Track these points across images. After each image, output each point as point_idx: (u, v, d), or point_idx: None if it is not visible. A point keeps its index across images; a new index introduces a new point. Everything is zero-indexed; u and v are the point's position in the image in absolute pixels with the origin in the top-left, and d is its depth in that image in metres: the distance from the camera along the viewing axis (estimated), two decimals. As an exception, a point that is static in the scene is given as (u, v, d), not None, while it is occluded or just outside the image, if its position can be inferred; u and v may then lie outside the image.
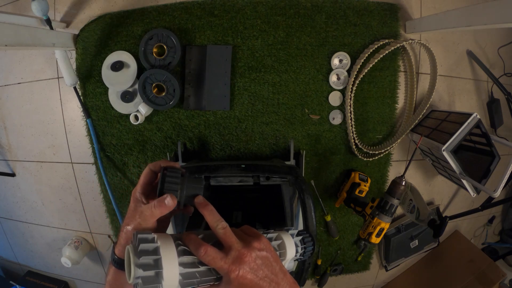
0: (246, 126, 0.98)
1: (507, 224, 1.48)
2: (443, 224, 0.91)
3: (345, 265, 1.23)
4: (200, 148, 1.00)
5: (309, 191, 0.67)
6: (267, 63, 0.95)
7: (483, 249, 1.36)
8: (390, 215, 0.79)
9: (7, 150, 1.08)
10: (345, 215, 1.13)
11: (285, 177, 0.71)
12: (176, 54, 0.89)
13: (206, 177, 0.71)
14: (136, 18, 0.92)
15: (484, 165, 0.90)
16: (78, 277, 1.27)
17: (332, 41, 0.96)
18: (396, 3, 0.98)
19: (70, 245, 1.11)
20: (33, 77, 0.99)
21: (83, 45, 0.93)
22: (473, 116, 0.85)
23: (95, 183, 1.06)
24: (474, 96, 1.16)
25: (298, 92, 0.97)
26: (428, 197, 1.23)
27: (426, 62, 1.04)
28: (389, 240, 1.17)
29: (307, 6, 0.94)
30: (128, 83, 0.91)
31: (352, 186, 1.01)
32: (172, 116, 0.97)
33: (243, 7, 0.92)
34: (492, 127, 1.20)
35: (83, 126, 1.00)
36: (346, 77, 0.97)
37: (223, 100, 0.95)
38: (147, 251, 0.31)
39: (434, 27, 0.89)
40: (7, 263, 1.34)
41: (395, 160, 1.10)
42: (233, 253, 0.32)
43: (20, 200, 1.15)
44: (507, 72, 1.17)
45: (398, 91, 1.03)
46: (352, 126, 0.98)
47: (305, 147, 1.02)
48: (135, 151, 0.99)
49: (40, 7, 0.80)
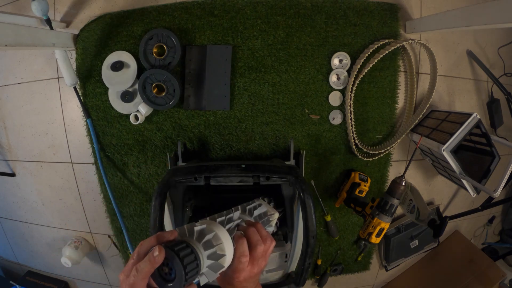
0: (246, 126, 0.98)
1: (507, 224, 1.48)
2: (443, 224, 0.91)
3: (345, 265, 1.23)
4: (200, 148, 1.00)
5: (309, 191, 0.67)
6: (267, 63, 0.95)
7: (483, 249, 1.36)
8: (390, 215, 0.79)
9: (7, 150, 1.08)
10: (345, 215, 1.13)
11: (285, 177, 0.71)
12: (176, 54, 0.89)
13: (206, 177, 0.71)
14: (136, 18, 0.92)
15: (484, 165, 0.90)
16: (78, 277, 1.27)
17: (332, 41, 0.96)
18: (396, 3, 0.98)
19: (70, 245, 1.11)
20: (33, 77, 0.99)
21: (83, 45, 0.93)
22: (473, 116, 0.85)
23: (95, 183, 1.06)
24: (474, 96, 1.16)
25: (298, 92, 0.97)
26: (428, 197, 1.23)
27: (426, 62, 1.04)
28: (389, 240, 1.17)
29: (307, 6, 0.94)
30: (128, 83, 0.91)
31: (352, 186, 1.01)
32: (172, 116, 0.97)
33: (243, 7, 0.92)
34: (492, 127, 1.20)
35: (83, 126, 1.00)
36: (346, 77, 0.97)
37: (223, 100, 0.95)
38: (208, 241, 0.35)
39: (434, 27, 0.89)
40: (7, 263, 1.34)
41: (395, 160, 1.10)
42: (254, 264, 0.40)
43: (20, 200, 1.15)
44: (507, 72, 1.17)
45: (398, 91, 1.03)
46: (352, 126, 0.98)
47: (305, 147, 1.02)
48: (135, 151, 0.99)
49: (40, 7, 0.80)
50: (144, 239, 0.34)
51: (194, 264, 0.31)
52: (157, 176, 1.02)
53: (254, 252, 0.40)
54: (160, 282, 0.31)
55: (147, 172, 1.01)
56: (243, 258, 0.39)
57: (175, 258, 0.30)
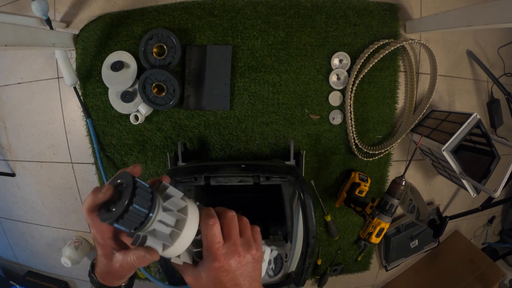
0: (246, 126, 0.98)
1: (507, 224, 1.48)
2: (443, 224, 0.91)
3: (345, 265, 1.23)
4: (200, 148, 1.00)
5: (309, 191, 0.67)
6: (267, 63, 0.95)
7: (483, 249, 1.36)
8: (390, 215, 0.79)
9: (7, 150, 1.08)
10: (345, 215, 1.13)
11: (285, 177, 0.71)
12: (176, 54, 0.89)
13: (206, 177, 0.71)
14: (136, 18, 0.92)
15: (484, 165, 0.90)
16: (78, 277, 1.27)
17: (332, 41, 0.96)
18: (396, 3, 0.98)
19: (70, 245, 1.11)
20: (33, 77, 0.99)
21: (83, 45, 0.93)
22: (473, 116, 0.85)
23: (95, 183, 1.06)
24: (474, 96, 1.16)
25: (298, 92, 0.97)
26: (428, 197, 1.23)
27: (426, 62, 1.04)
28: (389, 240, 1.17)
29: (307, 6, 0.94)
30: (128, 83, 0.91)
31: (352, 186, 1.01)
32: (172, 116, 0.97)
33: (243, 7, 0.92)
34: (492, 127, 1.20)
35: (83, 126, 1.00)
36: (346, 77, 0.97)
37: (223, 100, 0.95)
38: (173, 202, 0.30)
39: (434, 27, 0.89)
40: (7, 263, 1.34)
41: (395, 160, 1.10)
42: (231, 245, 0.32)
43: (20, 200, 1.15)
44: (507, 72, 1.17)
45: (398, 91, 1.03)
46: (352, 126, 0.98)
47: (305, 147, 1.02)
48: (135, 151, 0.99)
49: (40, 7, 0.80)
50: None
51: (144, 201, 0.27)
52: (157, 176, 1.02)
53: (230, 233, 0.32)
54: (102, 212, 0.28)
55: (147, 172, 1.01)
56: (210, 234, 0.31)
57: (130, 184, 0.27)
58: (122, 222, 0.26)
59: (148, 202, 0.27)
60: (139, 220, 0.27)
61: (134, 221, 0.27)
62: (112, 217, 0.26)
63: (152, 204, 0.28)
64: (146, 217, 0.27)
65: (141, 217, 0.27)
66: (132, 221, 0.27)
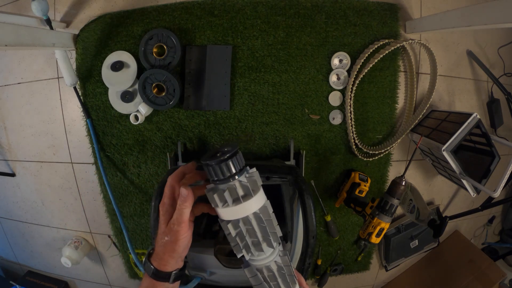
0: (246, 126, 0.98)
1: (507, 224, 1.49)
2: (443, 224, 0.91)
3: (345, 265, 1.23)
4: (200, 148, 1.00)
5: (309, 191, 0.67)
6: (267, 63, 0.95)
7: (483, 249, 1.36)
8: (390, 215, 0.79)
9: (7, 150, 1.08)
10: (345, 215, 1.13)
11: (285, 177, 0.71)
12: (176, 54, 0.89)
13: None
14: (136, 18, 0.92)
15: (484, 165, 0.90)
16: (78, 277, 1.27)
17: (332, 41, 0.96)
18: (396, 3, 0.98)
19: (70, 245, 1.11)
20: (33, 77, 0.99)
21: (83, 45, 0.93)
22: (473, 116, 0.85)
23: (95, 183, 1.06)
24: (474, 96, 1.16)
25: (298, 92, 0.97)
26: (428, 197, 1.23)
27: (426, 62, 1.04)
28: (389, 240, 1.17)
29: (307, 6, 0.94)
30: (128, 83, 0.91)
31: (352, 186, 1.01)
32: (172, 116, 0.97)
33: (243, 7, 0.92)
34: (492, 127, 1.20)
35: (83, 126, 1.00)
36: (346, 77, 0.97)
37: (223, 100, 0.95)
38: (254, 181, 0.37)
39: (434, 27, 0.89)
40: (7, 263, 1.34)
41: (395, 160, 1.10)
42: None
43: (20, 200, 1.15)
44: (507, 72, 1.17)
45: (398, 91, 1.03)
46: (352, 126, 0.98)
47: (305, 147, 1.02)
48: (135, 151, 0.99)
49: (40, 7, 0.80)
50: (144, 239, 0.35)
51: (240, 162, 0.36)
52: (157, 176, 1.02)
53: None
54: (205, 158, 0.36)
55: (147, 172, 1.01)
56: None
57: (235, 147, 0.36)
58: (216, 169, 0.34)
59: (242, 164, 0.36)
60: (228, 173, 0.35)
61: (226, 170, 0.35)
62: (217, 158, 0.34)
63: (242, 168, 0.36)
64: (234, 173, 0.35)
65: (230, 170, 0.35)
66: (226, 169, 0.34)
